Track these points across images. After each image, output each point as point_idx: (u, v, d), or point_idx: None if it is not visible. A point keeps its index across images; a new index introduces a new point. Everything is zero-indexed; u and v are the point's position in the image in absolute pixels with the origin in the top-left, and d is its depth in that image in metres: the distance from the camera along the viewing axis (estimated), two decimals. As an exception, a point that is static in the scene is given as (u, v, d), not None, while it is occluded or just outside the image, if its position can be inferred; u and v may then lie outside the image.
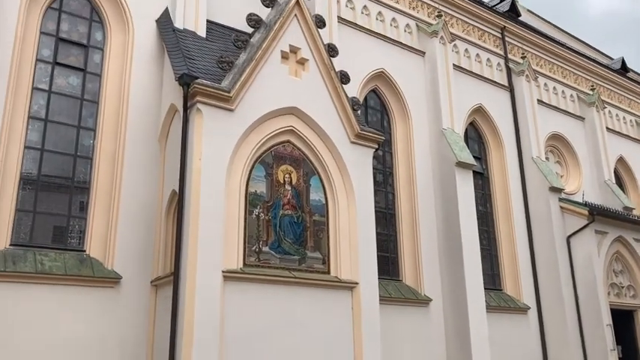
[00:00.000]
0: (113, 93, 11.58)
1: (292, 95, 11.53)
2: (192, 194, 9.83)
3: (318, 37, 12.12)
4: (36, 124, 10.82)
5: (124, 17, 12.02)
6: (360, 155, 12.27)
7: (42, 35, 11.27)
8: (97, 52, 11.88)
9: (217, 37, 12.89)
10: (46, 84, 11.11)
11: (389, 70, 16.44)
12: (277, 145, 11.32)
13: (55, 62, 11.32)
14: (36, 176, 10.55)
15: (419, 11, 18.21)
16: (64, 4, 11.75)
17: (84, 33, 11.85)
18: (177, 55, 11.20)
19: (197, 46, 12.04)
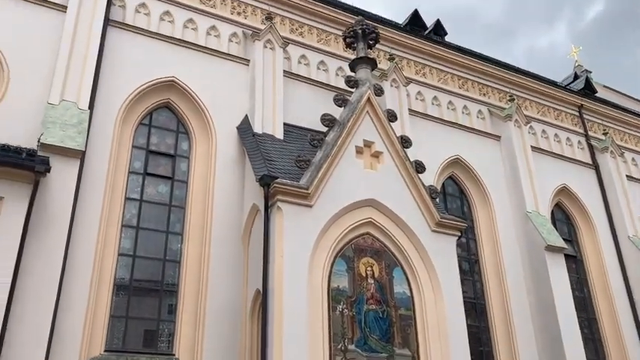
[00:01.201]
0: (198, 198, 12.15)
1: (369, 188, 11.62)
2: (275, 293, 9.85)
3: (390, 130, 12.35)
4: (128, 231, 11.44)
5: (208, 127, 12.85)
6: (443, 244, 11.96)
7: (134, 149, 12.18)
8: (183, 160, 12.66)
9: (294, 138, 13.43)
10: (137, 193, 11.86)
11: (464, 156, 16.36)
12: (357, 238, 11.28)
13: (145, 173, 12.13)
14: (128, 282, 11.01)
15: (490, 97, 18.29)
16: (154, 119, 12.77)
17: (171, 144, 12.73)
18: (257, 157, 11.71)
19: (275, 148, 12.56)
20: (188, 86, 12.96)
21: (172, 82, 12.86)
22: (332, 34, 15.97)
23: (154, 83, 12.63)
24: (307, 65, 15.19)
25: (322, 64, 15.45)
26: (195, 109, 12.99)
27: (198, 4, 14.16)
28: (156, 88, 12.69)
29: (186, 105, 13.01)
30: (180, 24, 13.66)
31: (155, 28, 13.26)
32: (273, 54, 14.11)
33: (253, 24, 14.67)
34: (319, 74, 15.25)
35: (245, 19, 14.71)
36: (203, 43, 13.73)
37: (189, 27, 13.79)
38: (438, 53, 17.65)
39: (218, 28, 14.17)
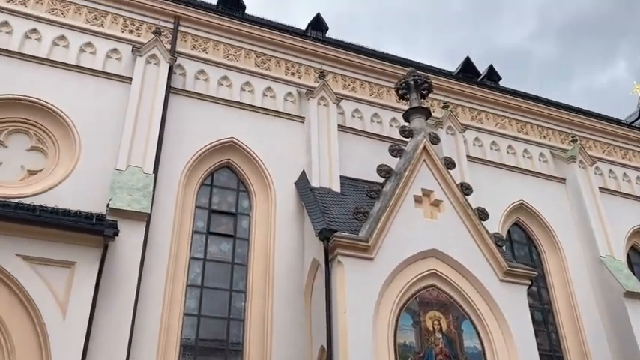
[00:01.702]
0: (260, 255, 12.26)
1: (430, 238, 11.38)
2: (340, 350, 9.63)
3: (449, 178, 12.18)
4: (193, 291, 11.60)
5: (267, 184, 13.08)
6: (513, 293, 11.45)
7: (197, 209, 12.51)
8: (244, 218, 12.87)
9: (352, 190, 13.46)
10: (201, 253, 12.09)
11: (529, 201, 15.87)
12: (422, 290, 10.98)
13: (208, 232, 12.39)
14: (194, 342, 11.07)
15: (551, 139, 17.85)
16: (215, 180, 13.13)
17: (232, 203, 13.00)
18: (315, 212, 11.76)
19: (333, 201, 12.60)
20: (247, 146, 13.33)
21: (232, 142, 13.26)
22: (384, 87, 16.16)
23: (215, 145, 13.07)
24: (361, 118, 15.37)
25: (376, 117, 15.59)
26: (254, 167, 13.29)
27: (254, 67, 14.73)
28: (216, 150, 13.11)
29: (246, 164, 13.33)
30: (238, 87, 14.20)
31: (214, 93, 13.82)
32: (327, 110, 14.39)
33: (307, 82, 15.08)
34: (373, 126, 15.38)
35: (299, 79, 15.16)
36: (259, 104, 14.19)
37: (246, 89, 14.31)
38: (493, 98, 17.50)
39: (273, 88, 14.64)
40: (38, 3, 13.29)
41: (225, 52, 14.68)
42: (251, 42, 15.03)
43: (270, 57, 15.13)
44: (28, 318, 8.85)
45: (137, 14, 14.12)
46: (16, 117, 11.73)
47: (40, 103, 11.89)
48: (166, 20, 14.27)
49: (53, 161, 11.68)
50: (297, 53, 15.47)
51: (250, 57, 14.90)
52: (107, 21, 13.77)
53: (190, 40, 14.43)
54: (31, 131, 11.81)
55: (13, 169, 11.33)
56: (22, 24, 12.79)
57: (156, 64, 13.09)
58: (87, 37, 13.28)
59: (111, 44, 13.41)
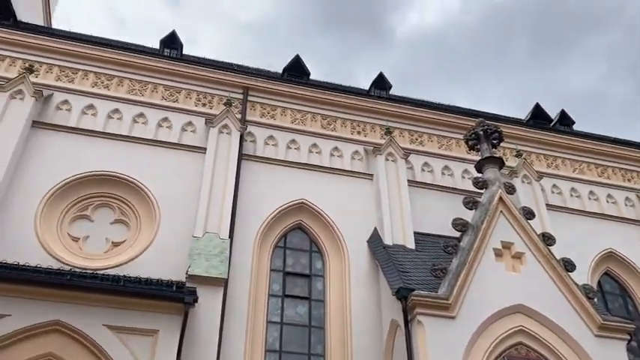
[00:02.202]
0: (337, 316, 12.07)
1: (514, 292, 10.84)
2: (426, 415, 9.16)
3: (529, 228, 11.69)
4: (272, 356, 11.50)
5: (339, 244, 13.03)
6: (610, 350, 10.59)
7: (272, 272, 12.58)
8: (319, 279, 12.81)
9: (426, 246, 13.15)
10: (278, 316, 12.06)
11: (618, 248, 14.93)
12: (509, 349, 10.36)
13: (284, 295, 12.38)
14: (275, 410, 10.87)
15: (636, 182, 16.90)
16: (288, 241, 13.23)
17: (306, 264, 13.00)
18: (390, 270, 11.53)
19: (408, 258, 12.33)
20: (317, 206, 13.43)
21: (302, 203, 13.41)
22: (453, 139, 15.99)
23: (286, 207, 13.26)
24: (431, 172, 15.20)
25: (446, 169, 15.38)
26: (326, 227, 13.31)
27: (320, 129, 15.02)
28: (288, 212, 13.28)
29: (317, 224, 13.39)
30: (306, 149, 14.49)
31: (283, 156, 14.15)
32: (395, 165, 14.35)
33: (373, 140, 15.17)
34: (445, 179, 15.14)
35: (365, 137, 15.29)
36: (328, 164, 14.36)
37: (314, 151, 14.56)
38: (568, 143, 16.90)
39: (340, 148, 14.81)
40: (119, 85, 14.28)
41: (292, 116, 15.10)
42: (316, 105, 15.41)
43: (336, 118, 15.41)
44: (114, 387, 9.02)
45: (209, 88, 14.87)
46: (101, 192, 12.43)
47: (122, 178, 12.57)
48: (236, 91, 14.93)
49: (135, 232, 12.19)
50: (362, 112, 15.68)
51: (316, 120, 15.24)
52: (181, 96, 14.56)
53: (259, 108, 14.97)
54: (114, 204, 12.44)
55: (98, 241, 11.91)
56: (105, 105, 13.73)
57: (228, 133, 13.62)
58: (163, 112, 14.05)
59: (186, 118, 14.11)
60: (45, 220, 11.61)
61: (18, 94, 12.72)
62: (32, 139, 12.54)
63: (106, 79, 14.24)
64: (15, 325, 9.06)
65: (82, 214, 12.13)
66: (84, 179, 12.35)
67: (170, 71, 14.74)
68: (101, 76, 14.24)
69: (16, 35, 14.15)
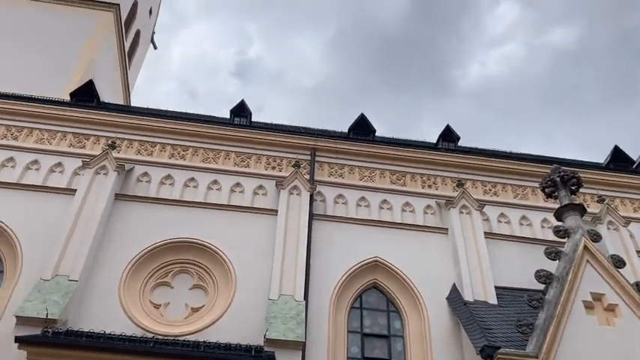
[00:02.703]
0: (419, 378, 11.58)
1: (610, 347, 10.08)
2: None
3: (620, 277, 10.97)
4: (355, 423, 11.11)
5: (417, 302, 12.67)
6: None
7: (349, 334, 12.32)
8: (398, 340, 12.42)
9: (509, 301, 12.55)
10: (358, 380, 11.70)
11: None
12: (611, 412, 9.54)
13: (363, 357, 12.05)
14: None
15: None
16: (364, 301, 13.00)
17: (384, 324, 12.68)
18: (473, 327, 11.04)
19: (490, 314, 11.79)
20: (392, 264, 13.21)
21: (376, 262, 13.23)
22: (528, 188, 15.49)
23: (360, 266, 13.11)
24: (508, 223, 14.70)
25: (524, 219, 14.83)
26: (402, 285, 13.02)
27: (390, 185, 14.98)
28: (362, 270, 13.12)
29: (393, 282, 13.12)
30: (376, 206, 14.44)
31: (354, 214, 14.15)
32: (470, 218, 14.00)
33: (445, 193, 14.94)
34: (523, 230, 14.59)
35: (436, 190, 15.09)
36: (400, 220, 14.21)
37: (385, 207, 14.49)
38: (654, 185, 15.95)
39: (411, 203, 14.66)
40: (194, 155, 14.92)
41: (361, 174, 15.17)
42: (384, 161, 15.44)
43: (405, 173, 15.34)
44: None
45: (277, 152, 15.28)
46: (180, 259, 12.79)
47: (199, 244, 12.91)
48: (304, 153, 15.24)
49: (213, 297, 12.38)
50: (432, 166, 15.55)
51: (385, 176, 15.22)
52: (252, 161, 15.02)
53: (327, 168, 15.16)
54: (192, 270, 12.74)
55: (178, 307, 12.16)
56: (182, 175, 14.34)
57: (298, 194, 13.83)
58: (236, 178, 14.50)
59: (257, 182, 14.48)
60: (128, 288, 12.02)
61: (102, 170, 13.54)
62: (115, 210, 13.20)
63: (182, 150, 14.94)
64: (102, 394, 9.29)
65: (162, 281, 12.49)
66: (164, 247, 12.77)
67: (240, 138, 15.31)
68: (177, 148, 14.97)
69: (100, 115, 15.22)
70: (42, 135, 14.66)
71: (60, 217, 12.61)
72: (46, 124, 14.88)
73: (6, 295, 11.59)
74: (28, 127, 14.75)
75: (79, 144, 14.69)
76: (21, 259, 12.06)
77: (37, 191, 13.37)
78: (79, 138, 14.81)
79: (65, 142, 14.65)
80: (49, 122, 14.93)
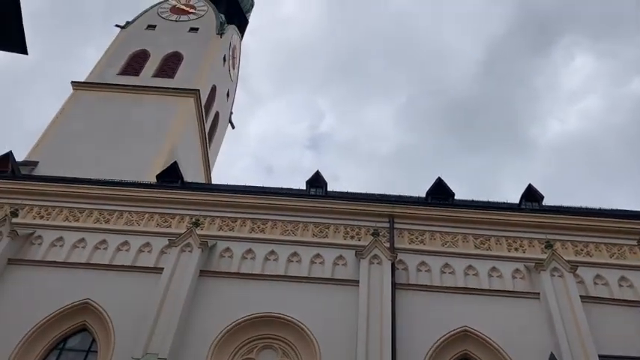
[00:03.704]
0: None
1: None
2: None
3: None
4: None
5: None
6: None
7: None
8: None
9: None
10: None
11: None
12: None
13: None
14: None
15: None
16: (455, 375, 12.29)
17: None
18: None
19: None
20: (482, 333, 12.55)
21: (465, 331, 12.62)
22: (625, 246, 14.50)
23: (449, 336, 12.56)
24: (606, 285, 13.70)
25: (623, 280, 13.79)
26: (495, 355, 12.29)
27: (474, 250, 14.49)
28: (451, 341, 12.58)
29: (485, 353, 12.44)
30: (461, 272, 13.98)
31: (438, 282, 13.71)
32: (563, 281, 13.20)
33: (533, 255, 14.26)
34: (623, 292, 13.53)
35: (524, 253, 14.44)
36: (487, 286, 13.63)
37: (470, 273, 14.00)
38: None
39: (498, 267, 14.06)
40: (274, 228, 15.16)
41: (442, 239, 14.78)
42: (466, 225, 15.02)
43: (489, 236, 14.81)
44: None
45: (355, 220, 15.23)
46: (263, 334, 12.75)
47: (281, 318, 12.84)
48: (382, 221, 15.12)
49: (298, 372, 12.15)
50: (516, 227, 14.96)
51: (468, 240, 14.75)
52: (330, 231, 15.03)
53: (407, 235, 14.91)
54: (276, 345, 12.64)
55: (264, 384, 12.00)
56: (262, 248, 14.54)
57: (379, 263, 13.61)
58: (315, 249, 14.51)
59: (336, 252, 14.41)
60: (215, 366, 12.05)
61: (187, 247, 13.98)
62: (200, 287, 13.47)
63: (261, 224, 15.22)
64: None
65: (247, 357, 12.44)
66: (247, 322, 12.80)
67: (317, 209, 15.44)
68: (257, 222, 15.27)
69: (183, 195, 15.91)
70: (131, 217, 15.44)
71: (148, 296, 12.99)
72: (135, 206, 15.68)
73: (100, 375, 11.91)
74: (119, 210, 15.60)
75: (165, 223, 15.32)
76: (113, 338, 12.43)
77: (127, 271, 13.93)
78: (165, 217, 15.46)
79: (152, 223, 15.33)
80: (137, 204, 15.73)
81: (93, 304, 13.09)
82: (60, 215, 15.48)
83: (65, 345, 12.89)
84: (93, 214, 15.50)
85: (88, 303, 13.12)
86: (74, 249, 14.51)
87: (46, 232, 14.86)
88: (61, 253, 14.36)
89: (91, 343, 12.86)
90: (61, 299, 13.15)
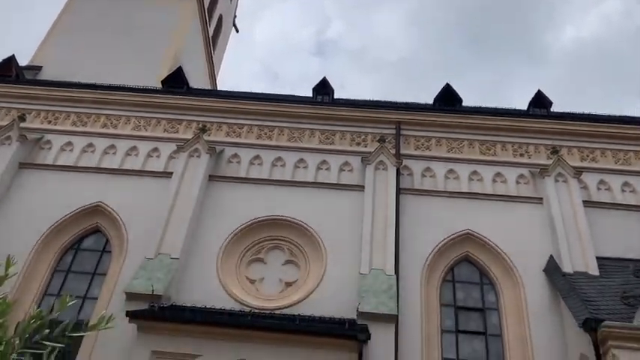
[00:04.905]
0: (517, 352, 11.35)
1: None
2: None
3: None
4: (451, 398, 11.07)
5: (512, 274, 12.32)
6: None
7: (442, 307, 12.22)
8: (493, 313, 12.18)
9: (611, 271, 11.92)
10: (453, 353, 11.63)
11: None
12: None
13: (457, 330, 11.93)
14: None
15: None
16: (455, 275, 12.82)
17: (477, 298, 12.46)
18: (574, 299, 10.61)
19: (592, 285, 11.27)
20: (484, 236, 12.89)
21: (468, 234, 12.97)
22: (631, 152, 14.51)
23: (451, 239, 12.91)
24: (609, 190, 13.87)
25: (626, 186, 13.93)
26: (495, 258, 12.70)
27: (479, 156, 14.54)
28: (453, 244, 12.92)
29: (486, 255, 12.82)
30: (465, 177, 14.09)
31: (442, 187, 13.89)
32: (566, 186, 13.36)
33: (539, 161, 14.31)
34: (625, 196, 13.72)
35: (529, 159, 14.49)
36: (491, 191, 13.80)
37: (475, 179, 14.11)
38: None
39: (503, 173, 14.18)
40: (280, 134, 15.19)
41: (448, 146, 14.82)
42: (472, 131, 14.99)
43: (495, 142, 14.82)
44: None
45: (362, 127, 15.21)
46: (271, 235, 13.16)
47: (289, 221, 13.20)
48: (388, 127, 15.10)
49: (305, 272, 12.67)
50: (523, 133, 14.91)
51: (474, 146, 14.79)
52: (336, 138, 15.06)
53: (413, 141, 14.94)
54: (284, 246, 13.09)
55: (273, 282, 12.56)
56: (269, 155, 14.66)
57: (384, 169, 13.76)
58: (321, 155, 14.62)
59: (342, 158, 14.53)
60: (225, 265, 12.55)
61: (195, 153, 14.13)
62: (209, 191, 13.76)
63: (268, 130, 15.25)
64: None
65: (256, 258, 12.92)
66: (256, 225, 13.19)
67: (324, 115, 15.39)
68: (264, 128, 15.29)
69: (190, 100, 15.82)
70: (138, 122, 15.47)
71: (158, 199, 13.33)
72: (142, 112, 15.66)
73: (115, 274, 12.47)
74: (126, 115, 15.60)
75: (172, 129, 15.37)
76: (126, 239, 12.89)
77: (137, 176, 14.18)
78: (172, 123, 15.48)
79: (160, 128, 15.39)
80: (144, 109, 15.70)
81: (105, 206, 13.47)
82: (67, 120, 15.53)
83: (80, 245, 13.41)
84: (100, 119, 15.53)
85: (99, 205, 13.50)
86: (83, 154, 14.69)
87: (55, 137, 14.99)
88: (71, 157, 14.56)
89: (105, 243, 13.37)
90: (73, 202, 13.52)
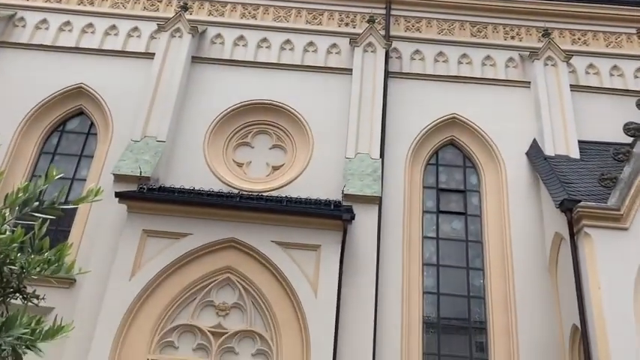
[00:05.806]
0: (495, 231, 11.84)
1: (701, 201, 9.73)
2: (596, 331, 8.83)
3: None
4: (430, 269, 11.72)
5: (495, 157, 12.56)
6: None
7: (425, 189, 12.56)
8: (474, 195, 12.56)
9: (592, 155, 12.18)
10: (433, 232, 12.13)
11: None
12: (694, 263, 9.45)
13: (438, 211, 12.36)
14: (436, 319, 11.19)
15: None
16: (440, 158, 13.04)
17: (460, 180, 12.78)
18: (553, 182, 10.92)
19: (572, 169, 11.56)
20: (470, 120, 12.96)
21: (454, 118, 13.02)
22: (623, 34, 14.25)
23: (437, 123, 12.96)
24: (597, 74, 13.78)
25: (615, 69, 13.83)
26: (480, 141, 12.85)
27: (470, 38, 14.21)
28: (438, 128, 13.00)
29: (470, 139, 12.97)
30: (455, 61, 13.85)
31: (431, 71, 13.70)
32: (555, 70, 13.24)
33: (529, 44, 14.04)
34: (614, 81, 13.68)
35: (520, 42, 14.20)
36: (480, 75, 13.66)
37: (464, 62, 13.88)
38: None
39: (493, 56, 13.94)
40: (265, 14, 14.60)
41: (439, 27, 14.41)
42: (464, 12, 14.50)
43: (486, 24, 14.42)
44: (285, 295, 9.92)
45: (350, 6, 14.62)
46: (258, 120, 13.08)
47: (275, 105, 13.08)
48: (378, 7, 14.53)
49: (291, 156, 12.78)
50: (515, 15, 14.47)
51: (465, 28, 14.39)
52: (324, 18, 14.53)
53: (403, 22, 14.48)
54: (271, 131, 13.07)
55: (259, 166, 12.69)
56: (254, 35, 14.17)
57: (373, 51, 13.44)
58: (308, 36, 14.17)
59: (330, 40, 14.10)
60: (212, 148, 12.58)
61: (177, 32, 13.59)
62: (193, 73, 13.43)
63: (252, 9, 14.62)
64: (196, 242, 10.23)
65: (243, 142, 12.94)
66: (241, 108, 13.06)
67: (310, -7, 14.72)
68: (248, 7, 14.64)
69: (169, -24, 14.92)
70: (116, 0, 14.71)
71: (141, 81, 13.02)
72: (119, -12, 14.84)
73: (102, 156, 12.50)
74: (102, -8, 14.79)
75: (152, 7, 14.65)
76: (111, 121, 12.76)
77: (119, 57, 13.72)
78: (152, 1, 14.75)
79: (139, 5, 14.64)
80: (121, -14, 14.87)
81: (87, 88, 13.15)
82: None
83: (65, 127, 13.29)
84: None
85: (82, 87, 13.18)
86: (60, 32, 14.04)
87: (28, 14, 14.23)
88: (48, 36, 13.93)
89: (90, 126, 13.25)
90: (54, 83, 13.16)
